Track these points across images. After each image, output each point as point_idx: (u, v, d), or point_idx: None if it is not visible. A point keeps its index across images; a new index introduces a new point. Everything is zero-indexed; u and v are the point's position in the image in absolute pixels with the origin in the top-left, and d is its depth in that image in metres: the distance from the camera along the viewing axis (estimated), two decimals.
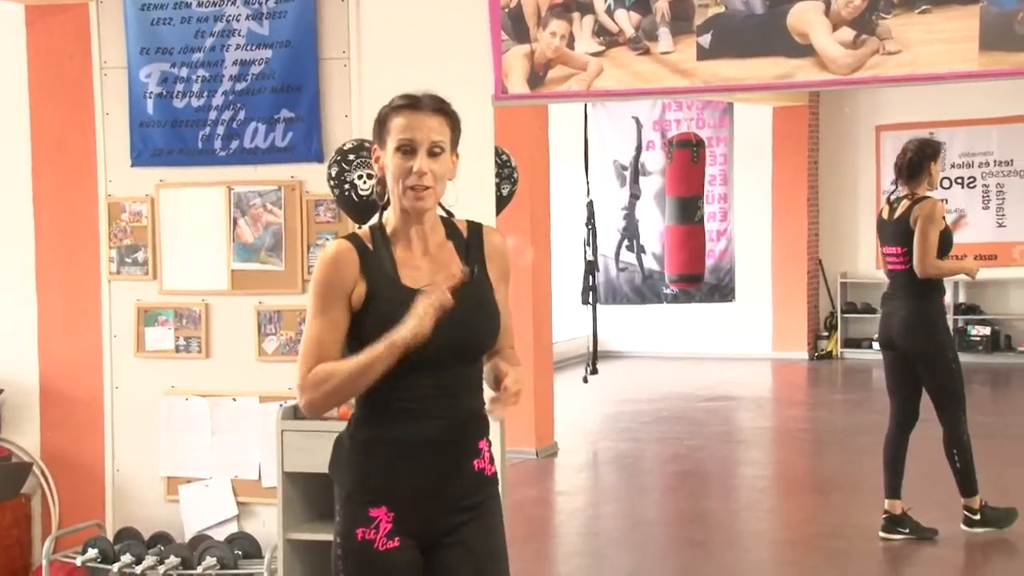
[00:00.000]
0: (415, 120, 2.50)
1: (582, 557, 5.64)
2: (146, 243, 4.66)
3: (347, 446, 2.54)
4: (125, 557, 4.46)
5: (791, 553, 5.59)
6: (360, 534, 2.49)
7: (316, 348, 2.48)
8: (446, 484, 2.51)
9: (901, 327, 5.43)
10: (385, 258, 2.51)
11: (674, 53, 4.06)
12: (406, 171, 2.47)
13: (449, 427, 2.50)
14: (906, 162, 5.45)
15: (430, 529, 2.51)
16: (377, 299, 2.47)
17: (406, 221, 2.53)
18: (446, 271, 2.51)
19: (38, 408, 4.85)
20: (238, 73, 4.51)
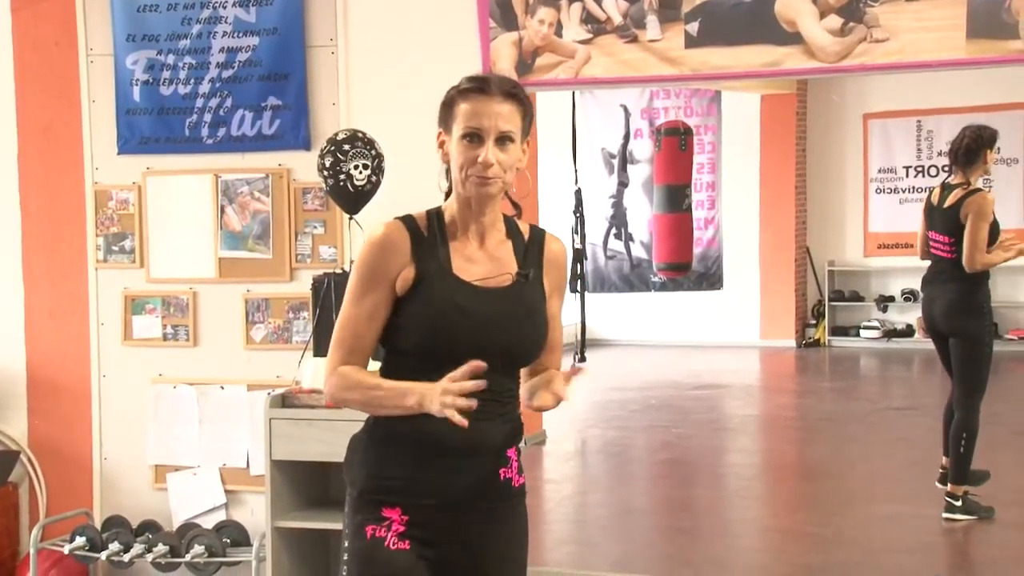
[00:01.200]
0: (484, 106, 2.32)
1: (571, 545, 5.64)
2: (133, 231, 4.65)
3: (364, 444, 2.41)
4: (113, 545, 4.46)
5: (779, 541, 5.61)
6: (370, 532, 2.35)
7: (352, 335, 2.35)
8: (468, 492, 2.36)
9: (944, 310, 5.51)
10: (439, 245, 2.36)
11: (662, 41, 4.05)
12: (471, 160, 2.32)
13: (478, 432, 2.28)
14: (963, 147, 5.48)
15: (445, 538, 2.36)
16: (424, 286, 2.32)
17: (467, 212, 2.37)
18: (501, 269, 2.38)
19: (25, 396, 4.83)
20: (225, 60, 4.50)
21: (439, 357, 2.28)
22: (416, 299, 2.32)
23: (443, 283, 2.33)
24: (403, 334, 2.34)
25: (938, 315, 5.56)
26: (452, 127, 2.36)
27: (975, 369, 5.48)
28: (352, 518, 2.40)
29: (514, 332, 2.36)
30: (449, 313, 2.31)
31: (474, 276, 2.36)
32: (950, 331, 5.52)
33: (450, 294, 2.33)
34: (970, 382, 5.50)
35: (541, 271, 2.44)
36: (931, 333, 5.71)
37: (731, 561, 5.31)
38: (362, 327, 2.35)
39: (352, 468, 2.43)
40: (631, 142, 10.96)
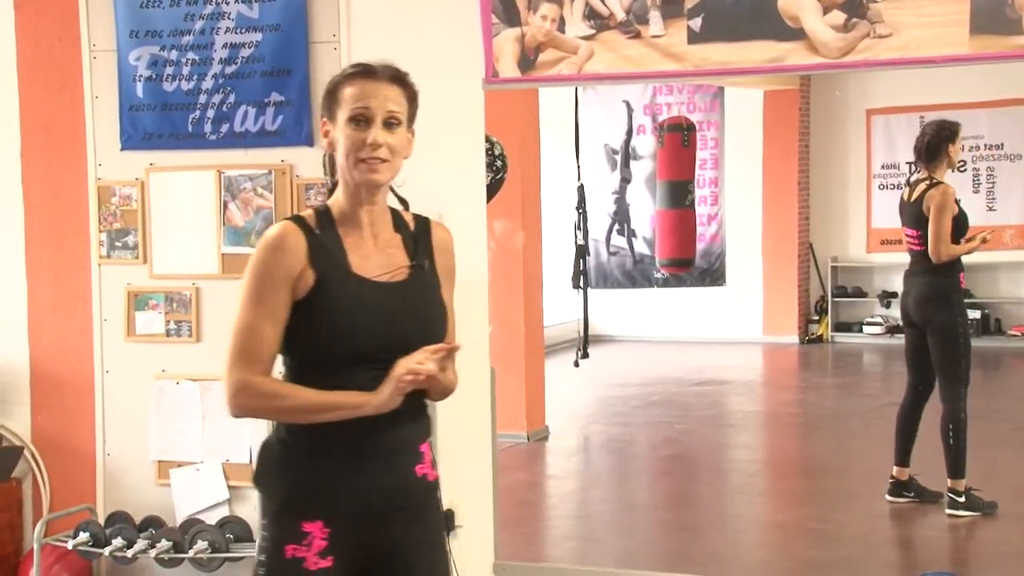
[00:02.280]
0: (370, 88, 2.30)
1: (573, 541, 5.65)
2: (136, 227, 4.65)
3: (278, 452, 2.34)
4: (116, 541, 4.45)
5: (780, 536, 5.62)
6: (290, 551, 2.27)
7: (253, 342, 2.28)
8: (390, 494, 2.33)
9: (915, 302, 5.63)
10: (333, 244, 2.32)
11: (665, 37, 4.03)
12: (359, 143, 2.28)
13: (392, 430, 2.30)
14: (924, 144, 5.61)
15: (369, 544, 2.32)
16: (325, 287, 2.28)
17: (356, 203, 2.34)
18: (396, 263, 2.36)
19: (28, 392, 4.83)
20: (228, 56, 4.49)
21: (348, 357, 2.26)
22: (319, 301, 2.27)
23: (345, 283, 2.30)
24: (308, 338, 2.28)
25: (911, 307, 5.69)
26: (337, 113, 2.32)
27: (953, 360, 5.53)
28: (270, 534, 2.32)
29: (419, 324, 2.35)
30: (355, 313, 2.28)
31: (372, 272, 2.33)
32: (923, 323, 5.62)
33: (353, 293, 2.29)
34: (950, 373, 5.55)
35: (433, 260, 2.44)
36: (906, 325, 5.80)
37: (733, 557, 5.32)
38: (263, 333, 2.28)
39: (268, 478, 2.35)
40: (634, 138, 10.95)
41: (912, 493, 5.75)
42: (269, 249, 2.29)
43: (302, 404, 2.27)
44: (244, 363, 2.29)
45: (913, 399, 5.75)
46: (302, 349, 2.30)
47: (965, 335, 5.58)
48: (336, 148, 2.34)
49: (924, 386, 5.72)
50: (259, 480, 2.37)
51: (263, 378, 2.29)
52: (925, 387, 5.72)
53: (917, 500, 5.73)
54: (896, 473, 5.78)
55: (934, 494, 5.67)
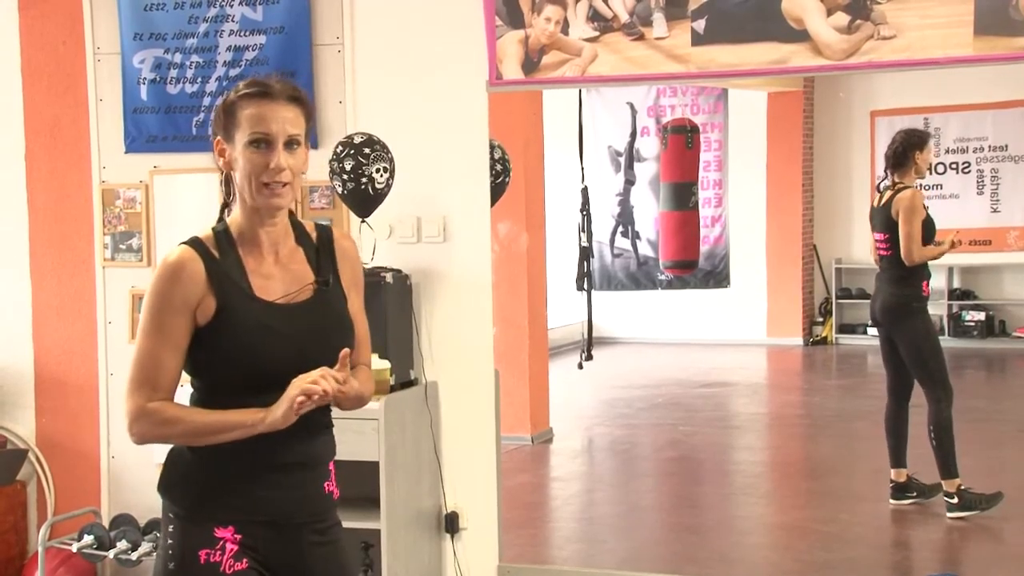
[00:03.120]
0: (269, 111, 2.25)
1: (577, 543, 5.64)
2: (140, 229, 4.65)
3: (188, 461, 2.31)
4: (121, 543, 4.46)
5: (785, 538, 5.60)
6: (204, 556, 2.27)
7: (154, 371, 2.24)
8: (299, 507, 2.34)
9: (880, 308, 5.74)
10: (234, 267, 2.28)
11: (668, 39, 4.03)
12: (261, 167, 2.24)
13: (302, 446, 2.32)
14: (892, 151, 5.74)
15: (278, 554, 2.33)
16: (228, 314, 2.24)
17: (255, 223, 2.30)
18: (299, 281, 2.33)
19: (33, 395, 4.84)
20: (232, 59, 4.50)
21: (255, 382, 2.24)
22: (222, 328, 2.24)
23: (247, 308, 2.27)
24: (213, 365, 2.26)
25: (877, 312, 5.78)
26: (235, 135, 2.28)
27: (923, 363, 5.60)
28: (179, 542, 2.30)
29: (326, 344, 2.31)
30: (260, 338, 2.25)
31: (275, 294, 2.30)
32: (888, 329, 5.71)
33: (257, 318, 2.26)
34: (923, 376, 5.62)
35: (337, 273, 2.40)
36: (876, 326, 5.91)
37: (738, 558, 5.31)
38: (164, 360, 2.25)
39: (177, 486, 2.33)
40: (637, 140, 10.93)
41: (915, 493, 5.75)
42: (167, 277, 2.26)
43: (199, 427, 2.25)
44: (143, 391, 2.26)
45: (893, 399, 5.82)
46: (209, 374, 2.28)
47: (929, 338, 5.66)
48: (235, 169, 2.30)
49: (901, 386, 5.77)
50: (168, 486, 2.35)
51: (160, 403, 2.26)
52: (902, 387, 5.77)
53: (921, 500, 5.74)
54: (894, 476, 5.79)
55: (934, 488, 5.68)
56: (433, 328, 4.33)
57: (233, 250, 2.30)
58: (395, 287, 4.18)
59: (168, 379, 2.26)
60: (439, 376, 4.33)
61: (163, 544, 2.34)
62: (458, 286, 4.31)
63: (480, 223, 4.31)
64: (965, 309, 11.45)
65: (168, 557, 2.31)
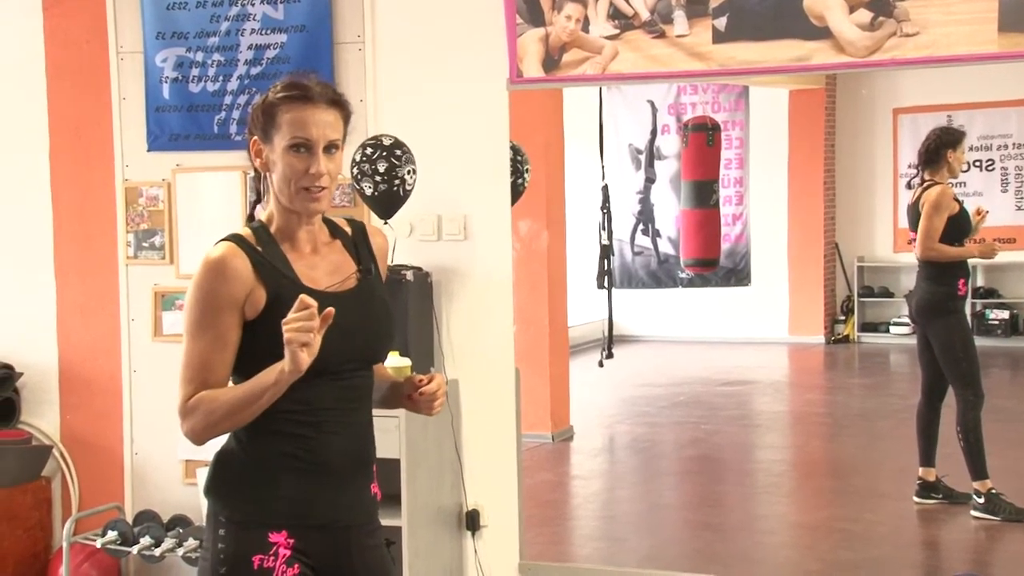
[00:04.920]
0: (310, 115, 2.25)
1: (599, 541, 5.64)
2: (163, 227, 4.67)
3: (238, 462, 2.30)
4: (144, 539, 4.48)
5: (808, 537, 5.58)
6: (258, 562, 2.25)
7: (202, 371, 2.22)
8: (350, 510, 2.33)
9: (916, 306, 5.73)
10: (278, 259, 2.27)
11: (689, 36, 4.02)
12: (301, 172, 2.24)
13: (352, 445, 2.31)
14: (924, 149, 5.69)
15: (329, 558, 2.31)
16: (280, 304, 2.19)
17: (293, 221, 2.31)
18: (343, 271, 2.34)
19: (57, 391, 4.87)
20: (253, 57, 4.51)
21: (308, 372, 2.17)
22: (274, 319, 2.17)
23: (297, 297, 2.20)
24: (262, 357, 2.20)
25: (913, 309, 5.80)
26: (274, 136, 2.27)
27: (955, 363, 5.56)
28: (231, 547, 2.27)
29: (374, 331, 2.33)
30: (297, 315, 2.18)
31: (322, 284, 2.30)
32: (922, 326, 5.69)
33: None
34: (953, 376, 5.59)
35: (376, 263, 2.41)
36: (913, 324, 5.94)
37: (760, 557, 5.29)
38: (213, 360, 2.22)
39: (227, 490, 2.31)
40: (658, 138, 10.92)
41: (940, 495, 5.72)
42: (212, 275, 2.23)
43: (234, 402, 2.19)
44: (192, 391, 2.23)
45: (926, 398, 5.77)
46: (256, 366, 2.21)
47: (963, 339, 5.62)
48: (272, 171, 2.30)
49: (935, 385, 5.73)
50: (218, 490, 2.33)
51: (197, 396, 2.23)
52: (936, 386, 5.73)
53: (946, 501, 5.70)
54: (922, 474, 5.77)
55: (963, 495, 5.63)
56: (454, 326, 4.33)
57: (274, 244, 2.30)
58: (416, 285, 4.18)
59: (217, 378, 2.24)
60: (460, 374, 4.33)
61: (212, 548, 2.30)
62: (479, 284, 4.31)
63: (501, 221, 4.31)
64: (989, 308, 11.38)
65: (219, 562, 2.28)
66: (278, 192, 2.30)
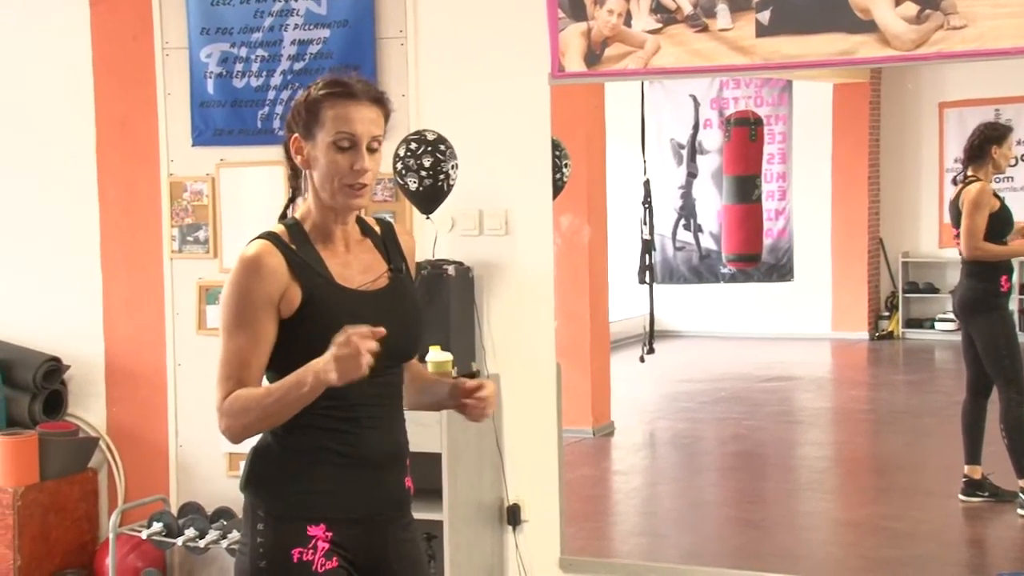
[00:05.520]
0: (354, 112, 2.25)
1: (640, 536, 5.62)
2: (207, 222, 4.72)
3: (276, 457, 2.31)
4: (189, 531, 4.53)
5: (851, 534, 5.54)
6: (297, 555, 2.26)
7: (239, 368, 2.22)
8: (385, 503, 2.35)
9: (958, 302, 5.67)
10: (312, 258, 2.28)
11: (733, 30, 3.98)
12: (345, 169, 2.25)
13: (387, 439, 2.34)
14: (968, 144, 5.67)
15: (365, 551, 2.33)
16: (315, 303, 2.24)
17: (330, 220, 2.32)
18: (374, 269, 2.35)
19: (103, 384, 4.93)
20: (296, 53, 4.54)
21: None
22: (309, 318, 2.23)
23: (334, 296, 2.27)
24: (296, 356, 2.21)
25: (956, 305, 5.74)
26: (316, 133, 2.27)
27: (998, 360, 5.50)
28: (270, 540, 2.29)
29: (406, 329, 2.34)
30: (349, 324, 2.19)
31: (355, 282, 2.31)
32: (965, 323, 5.64)
33: (343, 305, 2.26)
34: (996, 373, 5.53)
35: (406, 262, 2.43)
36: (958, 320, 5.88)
37: (803, 554, 5.25)
38: (249, 357, 2.23)
39: (265, 484, 2.33)
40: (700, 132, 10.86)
41: (986, 493, 5.66)
42: (248, 272, 2.24)
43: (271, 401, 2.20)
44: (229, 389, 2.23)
45: (971, 395, 5.71)
46: (289, 366, 2.22)
47: (1006, 336, 5.55)
48: (313, 167, 2.30)
49: (980, 382, 5.66)
50: (255, 484, 2.34)
51: (233, 394, 2.23)
52: (981, 383, 5.66)
53: (992, 499, 5.65)
54: (968, 471, 5.71)
55: (1009, 493, 5.57)
56: (495, 321, 4.33)
57: (308, 242, 2.31)
58: (457, 280, 4.18)
59: (252, 376, 2.25)
60: (501, 369, 4.33)
61: (250, 542, 2.32)
62: (520, 279, 4.31)
63: (542, 216, 4.31)
64: None
65: (258, 556, 2.29)
66: (319, 189, 2.30)
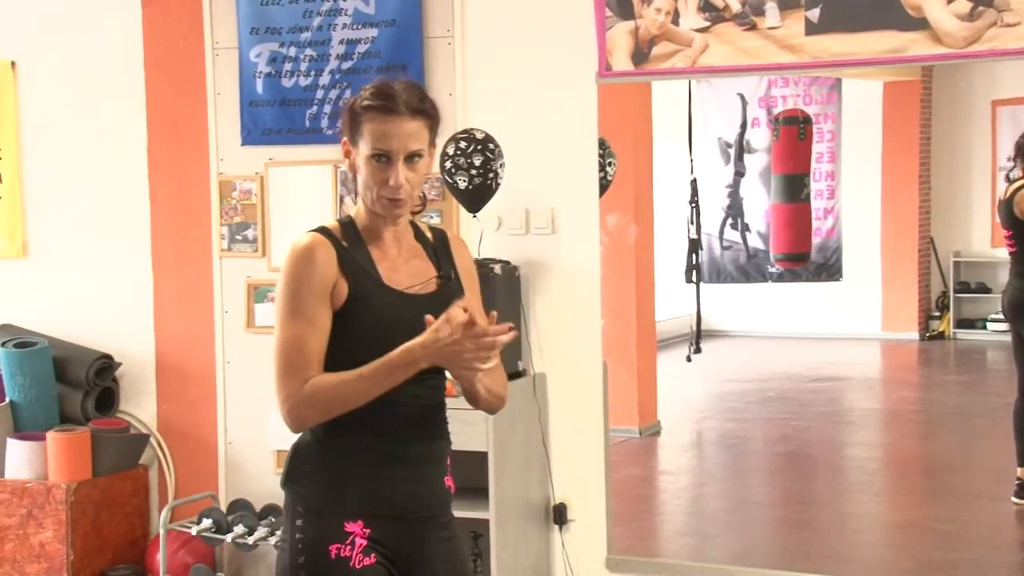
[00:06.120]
0: (392, 127, 2.27)
1: (687, 537, 5.60)
2: (256, 221, 4.75)
3: (315, 454, 2.32)
4: (238, 528, 4.56)
5: (902, 536, 5.48)
6: (335, 551, 2.28)
7: (299, 355, 2.23)
8: (424, 501, 2.37)
9: (1007, 303, 5.60)
10: (362, 256, 2.31)
11: (781, 28, 3.96)
12: (381, 181, 2.28)
13: (427, 438, 2.36)
14: (1020, 142, 5.60)
15: (404, 548, 2.34)
16: (361, 300, 2.27)
17: (378, 221, 2.35)
18: (423, 274, 2.37)
19: (154, 381, 4.98)
20: (344, 52, 4.56)
21: None
22: (353, 315, 2.25)
23: (380, 295, 2.29)
24: (341, 351, 2.25)
25: (1005, 306, 5.66)
26: (359, 142, 2.32)
27: None
28: (308, 536, 2.30)
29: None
30: (391, 326, 2.25)
31: (402, 284, 2.33)
32: (1014, 324, 5.57)
33: (388, 305, 2.29)
34: None
35: (457, 271, 2.44)
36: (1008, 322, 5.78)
37: (852, 556, 5.20)
38: (309, 342, 2.24)
39: (304, 480, 2.33)
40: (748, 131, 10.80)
41: None
42: (301, 259, 2.27)
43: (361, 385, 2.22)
44: (294, 377, 2.24)
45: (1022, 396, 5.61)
46: (334, 362, 2.26)
47: None
48: (357, 174, 2.34)
49: None
50: (294, 480, 2.35)
51: (312, 382, 2.24)
52: None
53: None
54: (1021, 474, 5.62)
55: None
56: (541, 320, 4.33)
57: (360, 240, 2.33)
58: (504, 279, 4.19)
59: (316, 362, 2.24)
60: (547, 368, 4.34)
61: (289, 538, 2.33)
62: (567, 278, 4.31)
63: (589, 215, 4.30)
64: None
65: (297, 551, 2.31)
66: (361, 195, 2.35)
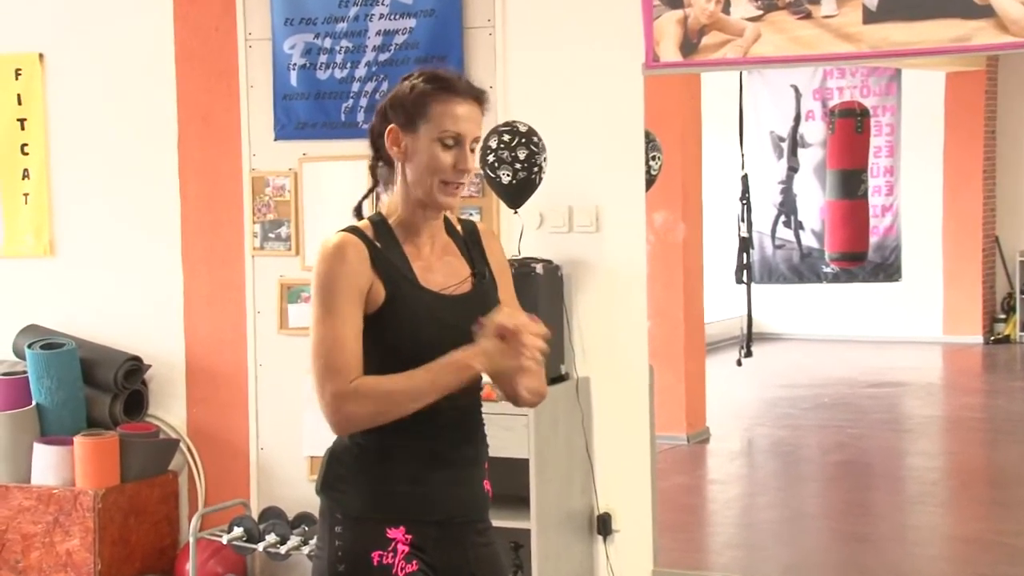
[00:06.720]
0: (462, 110, 2.26)
1: (737, 549, 5.47)
2: (289, 218, 4.64)
3: (354, 458, 2.28)
4: (270, 536, 4.45)
5: (965, 550, 5.31)
6: (377, 558, 2.24)
7: (339, 354, 2.19)
8: (465, 506, 2.34)
9: None
10: (396, 256, 2.27)
11: (838, 17, 3.86)
12: (447, 166, 2.24)
13: (466, 441, 2.33)
14: None
15: (445, 555, 2.31)
16: (398, 302, 2.24)
17: (419, 217, 2.30)
18: (457, 273, 2.33)
19: (184, 385, 4.88)
20: (381, 43, 4.46)
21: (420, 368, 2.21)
22: (391, 317, 2.23)
23: (417, 297, 2.26)
24: (379, 354, 2.23)
25: None
26: (420, 126, 2.26)
27: None
28: (349, 543, 2.26)
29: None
30: (429, 328, 2.24)
31: (437, 284, 2.30)
32: None
33: (427, 308, 2.26)
34: None
35: (489, 266, 2.41)
36: None
37: (911, 570, 5.06)
38: (347, 341, 2.20)
39: (343, 486, 2.29)
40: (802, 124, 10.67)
41: None
42: (333, 258, 2.23)
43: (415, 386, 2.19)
44: (337, 377, 2.19)
45: None
46: (369, 365, 2.23)
47: None
48: (410, 160, 2.28)
49: None
50: (333, 486, 2.30)
51: (360, 381, 2.20)
52: None
53: None
54: None
55: None
56: (585, 321, 4.24)
57: (394, 239, 2.29)
58: (546, 278, 4.10)
59: (355, 360, 2.21)
60: (591, 371, 4.25)
61: (328, 545, 2.29)
62: (611, 278, 4.22)
63: (635, 212, 4.21)
64: None
65: (337, 559, 2.27)
66: (414, 183, 2.28)
